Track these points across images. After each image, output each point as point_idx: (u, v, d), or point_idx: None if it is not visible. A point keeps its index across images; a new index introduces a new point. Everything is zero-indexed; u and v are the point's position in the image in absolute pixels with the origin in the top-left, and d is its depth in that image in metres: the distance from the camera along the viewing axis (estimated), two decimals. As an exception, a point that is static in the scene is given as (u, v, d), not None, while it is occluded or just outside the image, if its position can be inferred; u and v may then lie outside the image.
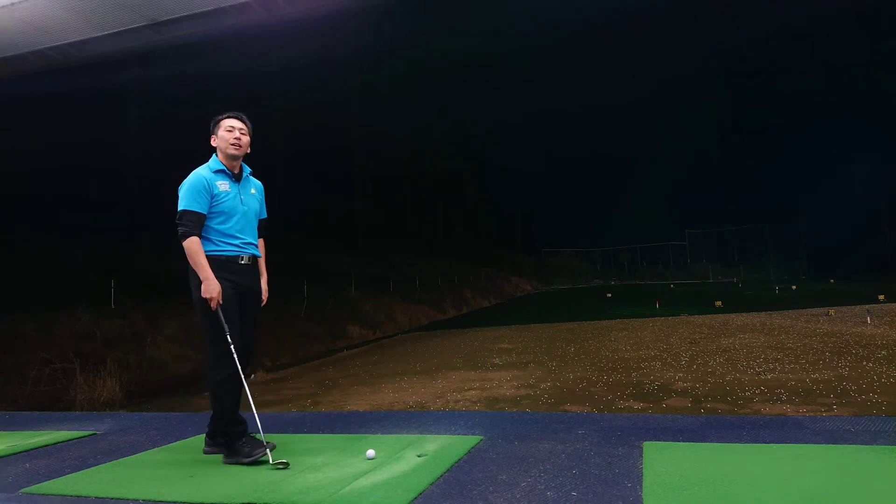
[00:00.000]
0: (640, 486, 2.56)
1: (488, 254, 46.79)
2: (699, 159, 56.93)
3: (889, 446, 2.97)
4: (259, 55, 23.82)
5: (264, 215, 3.71)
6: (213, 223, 3.37)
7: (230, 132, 3.46)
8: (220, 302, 3.26)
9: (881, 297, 20.74)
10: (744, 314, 18.71)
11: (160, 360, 13.07)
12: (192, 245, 3.26)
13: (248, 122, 3.57)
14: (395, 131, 40.73)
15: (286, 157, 27.77)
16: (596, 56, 52.01)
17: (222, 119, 3.52)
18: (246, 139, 3.51)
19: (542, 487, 2.63)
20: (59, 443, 4.12)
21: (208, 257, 3.33)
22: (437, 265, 35.07)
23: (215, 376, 3.33)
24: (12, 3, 4.93)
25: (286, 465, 3.13)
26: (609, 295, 34.39)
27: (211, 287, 3.22)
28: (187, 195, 3.30)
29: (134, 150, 21.73)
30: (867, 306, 17.63)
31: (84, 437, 4.30)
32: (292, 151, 28.33)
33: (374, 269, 27.67)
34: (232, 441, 3.32)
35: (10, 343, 11.47)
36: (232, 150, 3.45)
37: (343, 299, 21.83)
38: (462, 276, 35.78)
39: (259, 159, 3.48)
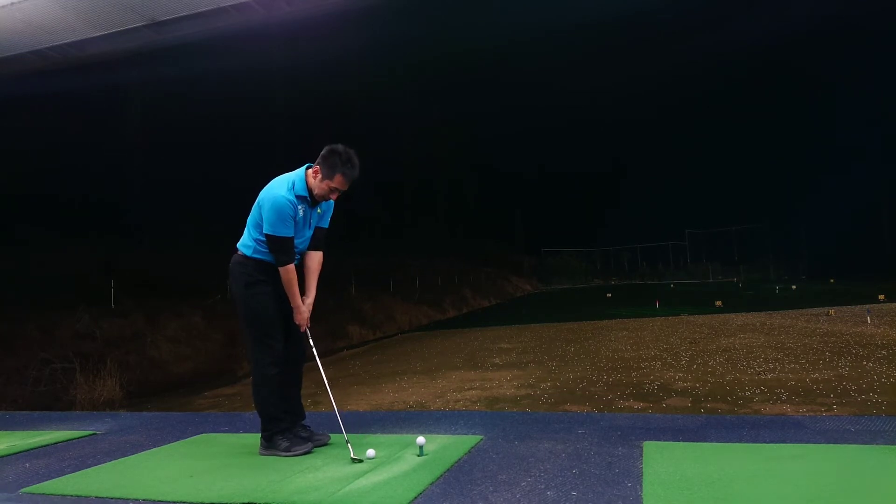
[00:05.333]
0: (640, 485, 2.56)
1: (488, 254, 46.76)
2: (699, 159, 56.95)
3: (889, 446, 2.97)
4: (259, 55, 23.80)
5: (325, 225, 3.63)
6: None
7: (334, 192, 3.42)
8: (309, 325, 3.48)
9: (881, 297, 20.74)
10: (744, 314, 18.71)
11: (160, 360, 13.08)
12: (290, 275, 3.37)
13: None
14: (395, 131, 40.71)
15: (286, 157, 27.78)
16: (596, 56, 52.03)
17: (343, 172, 3.36)
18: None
19: (543, 487, 2.63)
20: (59, 443, 4.12)
21: (255, 259, 3.42)
22: (437, 265, 35.04)
23: (256, 378, 3.43)
24: (12, 3, 4.92)
25: (360, 461, 3.19)
26: (609, 295, 34.36)
27: (301, 316, 3.44)
28: (278, 221, 3.29)
29: (134, 150, 21.73)
30: (867, 306, 17.61)
31: (84, 437, 4.29)
32: (292, 151, 28.33)
33: (374, 269, 27.65)
34: (273, 435, 3.41)
35: (10, 343, 11.47)
36: (320, 199, 3.47)
37: (343, 299, 21.83)
38: (462, 276, 35.76)
39: (258, 159, 3.44)
